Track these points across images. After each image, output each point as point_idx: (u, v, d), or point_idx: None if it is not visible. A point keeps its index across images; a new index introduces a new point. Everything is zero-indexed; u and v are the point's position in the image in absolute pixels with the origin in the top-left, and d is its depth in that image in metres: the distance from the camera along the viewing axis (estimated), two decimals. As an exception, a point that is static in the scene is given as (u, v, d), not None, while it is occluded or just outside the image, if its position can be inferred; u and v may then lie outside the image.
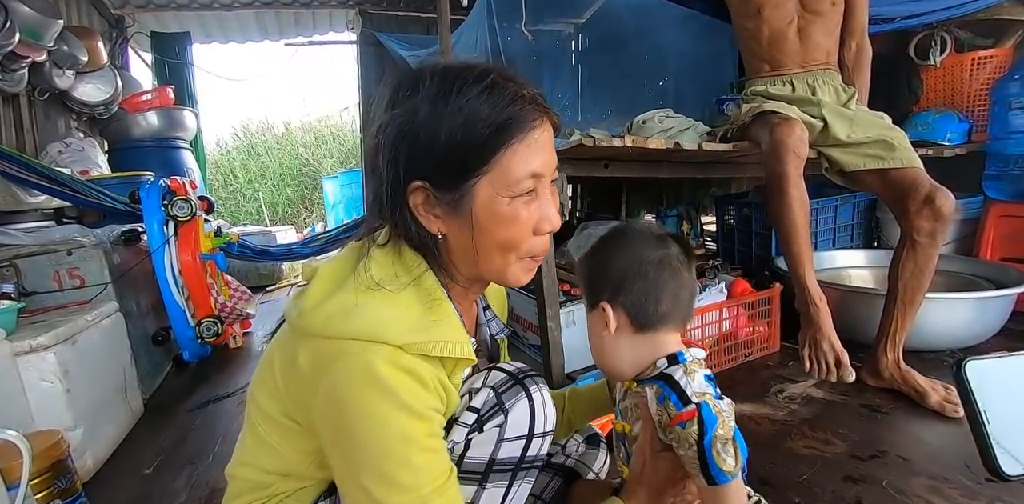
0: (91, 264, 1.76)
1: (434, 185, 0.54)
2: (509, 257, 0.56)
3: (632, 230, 0.65)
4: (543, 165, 0.54)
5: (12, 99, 2.84)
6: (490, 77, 0.53)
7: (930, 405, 1.38)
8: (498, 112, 0.51)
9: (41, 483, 1.06)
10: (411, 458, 0.49)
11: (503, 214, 0.53)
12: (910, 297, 1.43)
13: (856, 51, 1.72)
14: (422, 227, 0.56)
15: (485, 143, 0.51)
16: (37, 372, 1.29)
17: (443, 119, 0.51)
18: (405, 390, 0.50)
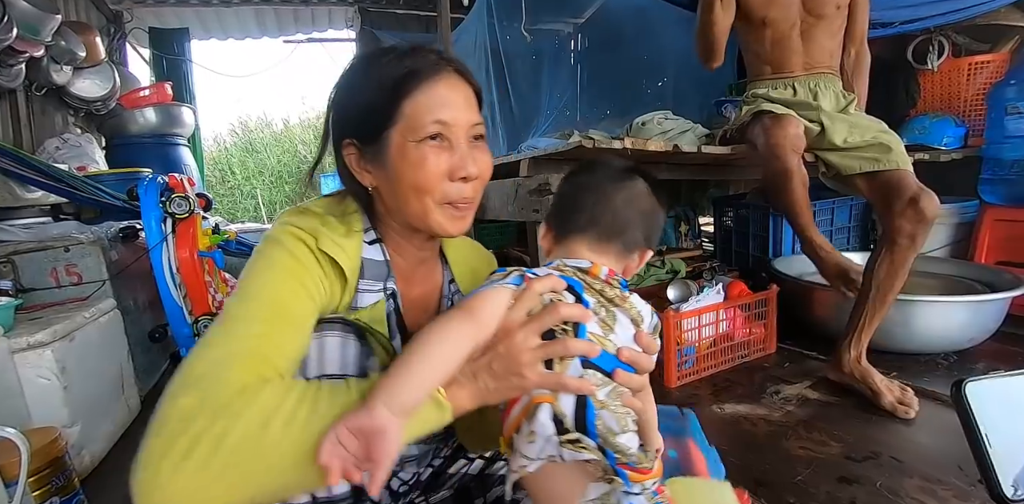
0: (89, 261, 1.75)
1: (361, 141, 0.62)
2: (425, 200, 0.61)
3: (597, 163, 0.69)
4: (451, 116, 0.60)
5: (9, 94, 2.83)
6: (402, 47, 0.63)
7: (883, 405, 1.39)
8: (400, 68, 0.59)
9: (39, 480, 1.06)
10: (264, 287, 0.56)
11: (411, 158, 0.59)
12: (882, 297, 1.44)
13: (855, 57, 1.73)
14: (357, 182, 0.65)
15: (391, 96, 0.59)
16: (34, 369, 1.29)
17: (360, 83, 0.62)
18: (294, 246, 0.58)
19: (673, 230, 2.88)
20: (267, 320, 0.52)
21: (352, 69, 0.64)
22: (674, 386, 1.66)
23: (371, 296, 0.65)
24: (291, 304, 0.55)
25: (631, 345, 0.58)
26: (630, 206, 0.65)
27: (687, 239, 2.86)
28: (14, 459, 0.96)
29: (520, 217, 1.59)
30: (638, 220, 0.65)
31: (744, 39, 1.77)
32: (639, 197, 0.65)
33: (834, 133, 1.54)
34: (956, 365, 1.67)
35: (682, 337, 1.65)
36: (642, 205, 0.65)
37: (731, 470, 1.03)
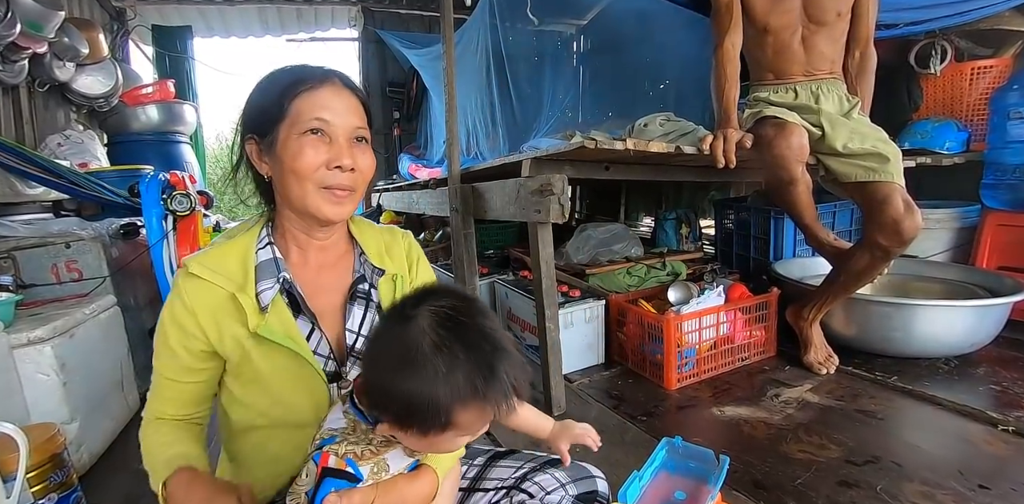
0: (89, 257, 1.75)
1: (258, 136, 0.71)
2: (304, 185, 0.68)
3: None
4: (332, 115, 0.68)
5: (12, 90, 2.83)
6: (295, 64, 0.73)
7: (807, 360, 1.72)
8: (292, 76, 0.70)
9: (37, 476, 1.06)
10: (160, 349, 0.72)
11: (293, 147, 0.67)
12: (846, 286, 1.61)
13: (860, 59, 1.72)
14: (258, 172, 0.74)
15: (281, 96, 0.68)
16: (34, 365, 1.29)
17: (260, 89, 0.72)
18: (176, 302, 0.70)
19: (674, 232, 2.88)
20: (158, 384, 0.74)
21: (259, 79, 0.73)
22: (674, 388, 1.66)
23: (270, 293, 0.71)
24: (175, 368, 0.72)
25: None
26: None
27: (688, 241, 2.86)
28: (12, 455, 0.96)
29: (521, 217, 1.58)
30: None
31: (746, 45, 1.77)
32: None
33: (835, 138, 1.54)
34: (957, 370, 1.67)
35: (682, 339, 1.65)
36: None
37: (731, 473, 1.03)
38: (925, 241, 2.15)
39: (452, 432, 0.54)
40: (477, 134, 3.91)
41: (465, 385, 0.51)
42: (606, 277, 2.21)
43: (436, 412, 0.51)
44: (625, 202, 4.04)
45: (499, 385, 0.53)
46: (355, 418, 0.57)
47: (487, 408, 0.53)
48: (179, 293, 0.69)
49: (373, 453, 0.56)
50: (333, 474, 0.52)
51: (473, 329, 0.54)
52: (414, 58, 4.36)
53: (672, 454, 1.06)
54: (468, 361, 0.52)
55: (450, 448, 0.59)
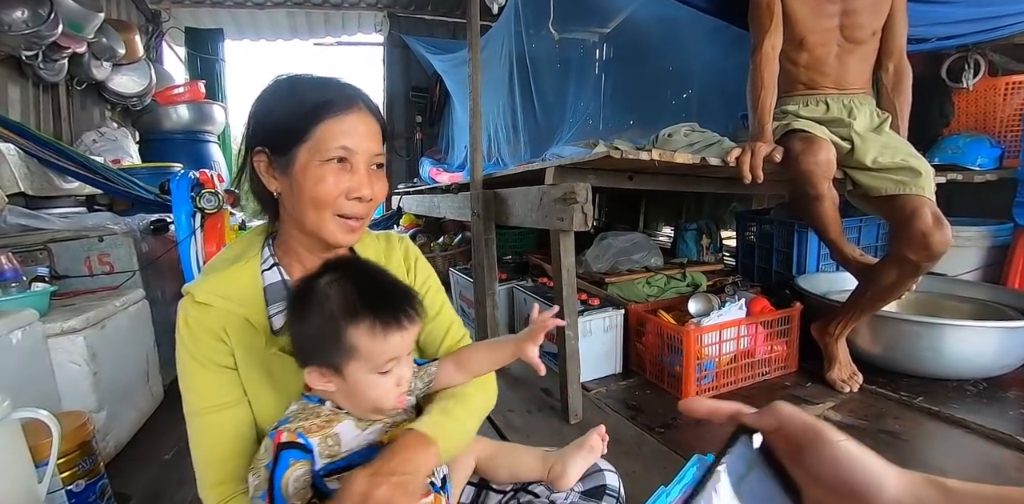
0: (121, 251, 1.80)
1: (272, 150, 0.69)
2: (323, 212, 0.68)
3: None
4: (355, 143, 0.67)
5: (52, 88, 2.93)
6: (322, 78, 0.71)
7: (830, 377, 1.68)
8: (320, 97, 0.67)
9: (67, 462, 1.08)
10: (189, 382, 0.69)
11: (314, 174, 0.66)
12: (873, 301, 1.58)
13: (894, 72, 1.69)
14: (264, 186, 0.71)
15: (306, 118, 0.66)
16: (66, 354, 1.33)
17: (280, 101, 0.69)
18: (185, 332, 0.68)
19: (695, 243, 2.85)
20: (209, 426, 0.68)
21: (275, 87, 0.70)
22: (692, 400, 1.64)
23: (280, 317, 0.70)
24: (210, 393, 0.69)
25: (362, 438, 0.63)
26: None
27: (708, 252, 2.83)
28: (45, 441, 0.99)
29: (544, 225, 1.59)
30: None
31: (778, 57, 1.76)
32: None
33: (865, 153, 1.52)
34: (986, 392, 1.62)
35: (702, 352, 1.64)
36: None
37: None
38: (954, 259, 2.10)
39: (360, 362, 0.58)
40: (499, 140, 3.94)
41: (353, 303, 0.58)
42: (625, 286, 2.20)
43: (334, 335, 0.58)
44: (645, 211, 4.02)
45: (385, 302, 0.60)
46: (304, 402, 0.63)
47: (375, 325, 0.58)
48: (189, 320, 0.68)
49: (319, 427, 0.60)
50: (287, 447, 0.56)
51: (365, 269, 0.65)
52: (438, 63, 4.41)
53: (701, 472, 1.01)
54: (354, 285, 0.60)
55: (375, 395, 0.60)
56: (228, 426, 0.69)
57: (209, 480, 0.68)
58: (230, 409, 0.69)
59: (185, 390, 0.69)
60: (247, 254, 0.73)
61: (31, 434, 0.98)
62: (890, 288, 1.52)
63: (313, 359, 0.60)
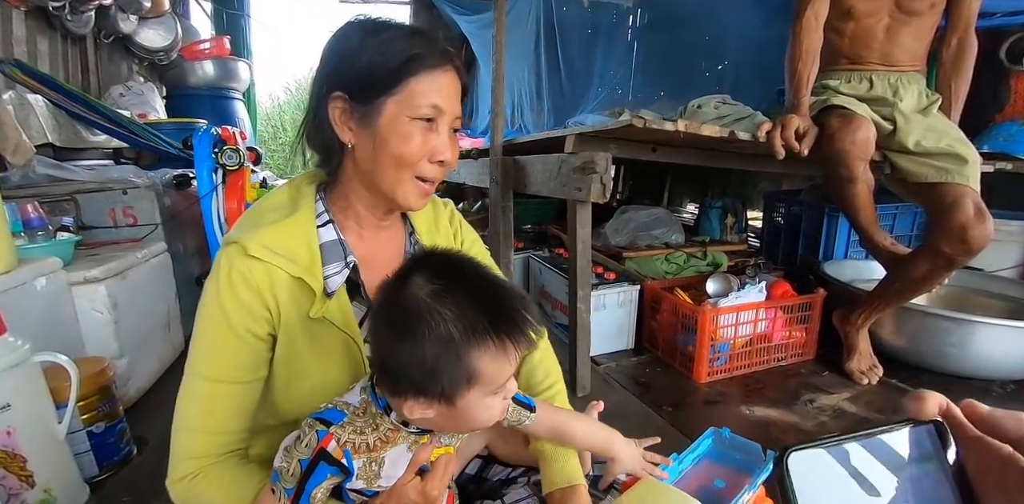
0: (144, 204, 1.83)
1: (352, 97, 0.62)
2: (403, 173, 0.63)
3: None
4: (445, 103, 0.62)
5: (80, 41, 2.93)
6: (413, 27, 0.65)
7: (848, 367, 1.64)
8: (414, 48, 0.61)
9: (87, 405, 1.13)
10: (209, 347, 0.62)
11: (402, 131, 0.61)
12: (901, 293, 1.52)
13: (957, 47, 1.53)
14: (335, 135, 0.64)
15: (399, 68, 0.60)
16: (89, 302, 1.37)
17: (369, 45, 0.62)
18: (227, 289, 0.60)
19: (719, 221, 2.77)
20: (208, 394, 0.61)
21: (361, 27, 0.63)
22: (703, 381, 1.62)
23: (338, 278, 0.65)
24: (229, 364, 0.62)
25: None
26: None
27: (732, 232, 2.75)
28: (65, 384, 1.03)
29: (561, 194, 1.55)
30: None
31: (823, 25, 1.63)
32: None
33: (907, 135, 1.41)
34: (1015, 394, 1.55)
35: (717, 333, 1.61)
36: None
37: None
38: (993, 254, 1.98)
39: (479, 388, 0.50)
40: (523, 106, 3.83)
41: (476, 322, 0.48)
42: (643, 262, 2.16)
43: (454, 363, 0.48)
44: (670, 186, 3.91)
45: (512, 318, 0.50)
46: (369, 399, 0.54)
47: (506, 347, 0.49)
48: (233, 276, 0.60)
49: (369, 448, 0.53)
50: (328, 460, 0.51)
51: (469, 270, 0.53)
52: (465, 25, 4.27)
53: (718, 444, 1.07)
54: (469, 296, 0.49)
55: (485, 418, 0.53)
56: (233, 402, 0.62)
57: (194, 446, 0.61)
58: (244, 385, 0.63)
59: (199, 351, 0.62)
60: (300, 205, 0.66)
61: (53, 377, 1.02)
62: (920, 281, 1.44)
63: (421, 391, 0.49)
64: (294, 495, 0.51)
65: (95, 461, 1.16)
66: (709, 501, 0.81)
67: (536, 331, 0.51)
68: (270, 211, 0.66)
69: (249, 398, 0.64)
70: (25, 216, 1.39)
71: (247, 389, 0.63)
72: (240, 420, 0.63)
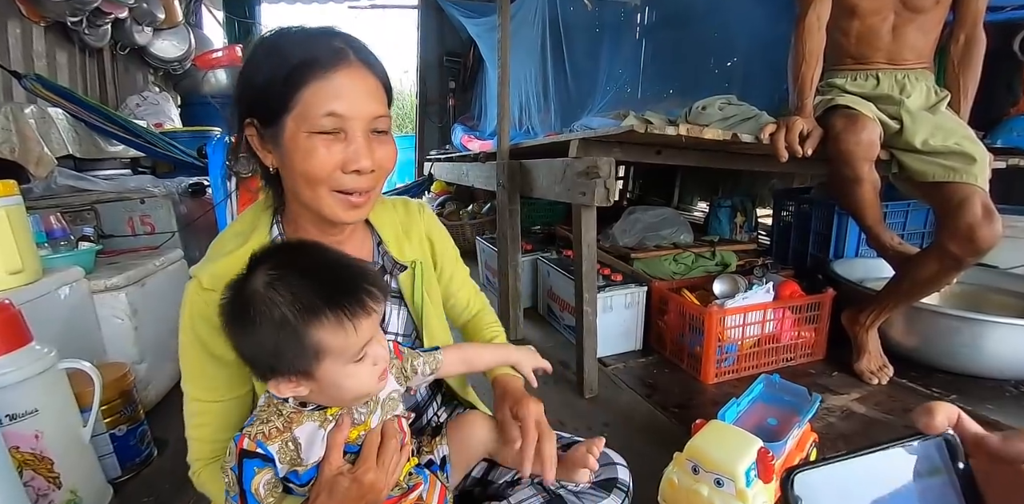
0: (161, 212, 1.88)
1: (260, 122, 0.62)
2: (317, 189, 0.61)
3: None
4: (348, 108, 0.58)
5: (97, 53, 3.02)
6: (308, 30, 0.62)
7: (858, 367, 1.63)
8: (303, 54, 0.58)
9: (110, 409, 1.18)
10: (188, 370, 0.67)
11: (302, 147, 0.59)
12: (907, 295, 1.51)
13: (965, 43, 1.51)
14: (259, 160, 0.65)
15: (285, 82, 0.58)
16: (110, 309, 1.42)
17: (261, 62, 0.60)
18: (188, 319, 0.64)
19: (728, 220, 2.75)
20: (198, 412, 0.68)
21: (259, 46, 0.62)
22: (711, 382, 1.63)
23: None
24: (207, 386, 0.67)
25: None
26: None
27: (741, 231, 2.74)
28: (89, 389, 1.07)
29: (566, 198, 1.56)
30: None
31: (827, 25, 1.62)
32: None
33: (914, 133, 1.40)
34: (1026, 394, 1.53)
35: (724, 334, 1.61)
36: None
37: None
38: (1008, 251, 1.94)
39: (332, 359, 0.53)
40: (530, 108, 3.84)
41: (308, 302, 0.51)
42: (651, 262, 2.17)
43: (295, 342, 0.51)
44: (680, 185, 3.90)
45: (343, 289, 0.53)
46: (269, 395, 0.58)
47: (342, 320, 0.52)
48: (194, 308, 0.63)
49: (279, 430, 0.56)
50: (248, 455, 0.54)
51: (306, 257, 0.56)
52: (472, 27, 4.29)
53: (768, 388, 1.25)
54: (301, 279, 0.52)
55: (356, 384, 0.56)
56: (219, 418, 0.68)
57: (194, 451, 0.69)
58: (225, 402, 0.68)
59: (184, 373, 0.68)
60: (255, 233, 0.67)
61: (77, 383, 1.07)
62: (929, 281, 1.43)
63: (274, 370, 0.54)
64: (240, 499, 0.54)
65: (118, 463, 1.21)
66: (764, 436, 0.95)
67: (375, 298, 0.54)
68: (230, 240, 0.68)
69: (234, 412, 0.68)
70: (48, 227, 1.45)
71: (229, 406, 0.68)
72: (228, 431, 0.66)
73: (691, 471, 0.92)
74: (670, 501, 0.95)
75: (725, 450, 0.90)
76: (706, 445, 0.92)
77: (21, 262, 1.16)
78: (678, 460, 0.95)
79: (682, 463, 0.93)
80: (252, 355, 0.54)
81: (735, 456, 0.88)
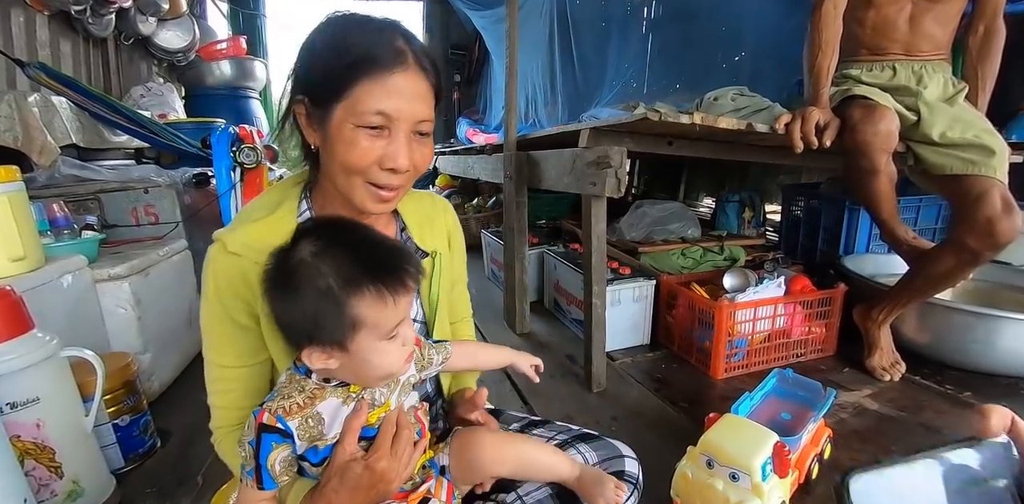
0: (165, 203, 1.87)
1: (311, 101, 0.63)
2: (352, 179, 0.63)
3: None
4: (397, 109, 0.60)
5: (101, 43, 3.00)
6: (375, 23, 0.63)
7: (870, 364, 1.60)
8: (362, 50, 0.59)
9: (113, 399, 1.17)
10: (209, 336, 0.67)
11: (346, 138, 0.61)
12: (921, 291, 1.48)
13: (984, 35, 1.48)
14: (304, 137, 0.67)
15: (343, 73, 0.59)
16: (113, 299, 1.40)
17: (324, 46, 0.62)
18: (212, 283, 0.64)
19: (736, 216, 2.72)
20: (221, 378, 0.68)
21: (323, 29, 0.64)
22: (720, 378, 1.60)
23: None
24: (228, 352, 0.67)
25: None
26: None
27: (750, 226, 2.70)
28: (91, 378, 1.06)
29: (576, 189, 1.53)
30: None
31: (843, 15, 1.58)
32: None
33: (931, 125, 1.37)
34: (1042, 390, 1.51)
35: (734, 328, 1.58)
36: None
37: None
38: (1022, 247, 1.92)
39: (366, 333, 0.54)
40: (536, 101, 3.81)
41: (351, 271, 0.53)
42: (659, 257, 2.14)
43: (336, 311, 0.53)
44: (686, 180, 3.86)
45: (385, 265, 0.55)
46: (292, 372, 0.60)
47: (383, 294, 0.54)
48: (218, 270, 0.64)
49: (300, 406, 0.57)
50: (267, 430, 0.55)
51: (350, 233, 0.58)
52: (478, 20, 4.26)
53: (782, 383, 1.24)
54: (346, 252, 0.54)
55: (386, 362, 0.57)
56: (243, 383, 0.68)
57: (217, 418, 0.69)
58: (249, 368, 0.68)
59: (204, 340, 0.68)
60: (284, 204, 0.69)
61: (79, 372, 1.05)
62: (944, 276, 1.40)
63: (311, 339, 0.55)
64: (255, 474, 0.55)
65: (120, 453, 1.19)
66: (778, 431, 0.94)
67: (413, 277, 0.57)
68: (256, 210, 0.69)
69: (258, 378, 0.69)
70: (51, 215, 1.43)
71: (253, 371, 0.68)
72: (252, 398, 0.68)
73: (705, 465, 0.90)
74: (683, 495, 0.93)
75: (741, 444, 0.88)
76: (721, 439, 0.90)
77: (23, 249, 1.15)
78: (692, 454, 0.93)
79: (696, 457, 0.92)
80: (291, 322, 0.55)
81: (751, 450, 0.87)
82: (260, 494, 0.56)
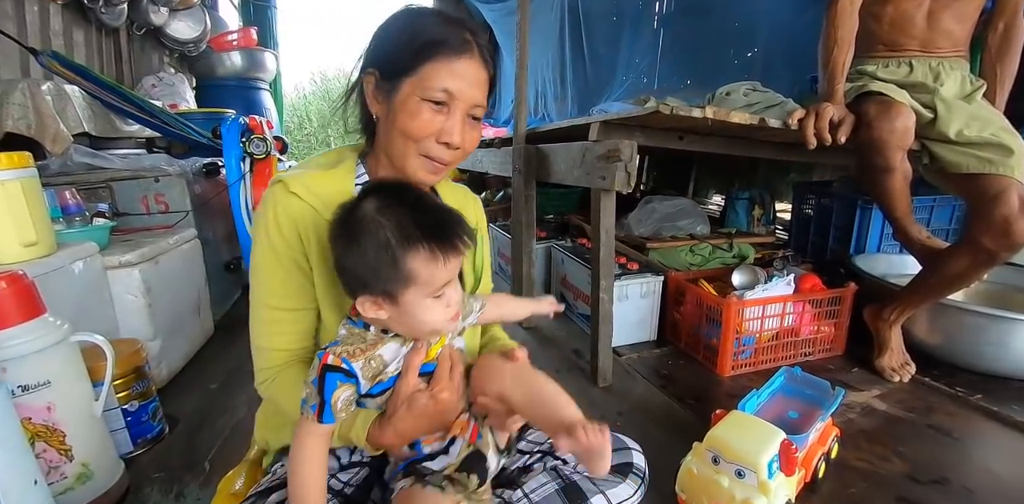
0: (175, 192, 1.87)
1: (381, 74, 0.69)
2: (409, 146, 0.69)
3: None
4: (459, 89, 0.67)
5: (113, 33, 3.01)
6: (447, 15, 0.70)
7: (879, 364, 1.59)
8: (436, 34, 0.66)
9: (122, 384, 1.18)
10: (262, 277, 0.70)
11: (410, 108, 0.67)
12: (934, 291, 1.47)
13: (1004, 32, 1.45)
14: (367, 107, 0.72)
15: (418, 51, 0.66)
16: (123, 286, 1.41)
17: (400, 28, 0.69)
18: (271, 220, 0.67)
19: (746, 213, 2.70)
20: (272, 320, 0.70)
21: (401, 14, 0.71)
22: (727, 375, 1.60)
23: None
24: (278, 293, 0.70)
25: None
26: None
27: (759, 224, 2.68)
28: (102, 363, 1.07)
29: (585, 183, 1.53)
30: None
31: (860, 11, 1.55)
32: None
33: (948, 123, 1.34)
34: (1055, 394, 1.48)
35: (742, 326, 1.57)
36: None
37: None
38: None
39: (416, 288, 0.58)
40: (546, 95, 3.79)
41: (410, 231, 0.57)
42: (667, 253, 2.13)
43: (392, 264, 0.57)
44: (695, 177, 3.83)
45: (441, 227, 0.59)
46: (350, 326, 0.64)
47: (436, 254, 0.57)
48: (277, 208, 0.67)
49: (363, 350, 0.61)
50: (331, 370, 0.59)
51: (412, 196, 0.61)
52: (487, 12, 4.23)
53: (790, 381, 1.24)
54: (407, 212, 0.58)
55: (431, 318, 0.61)
56: (295, 325, 0.71)
57: (266, 359, 0.72)
58: (302, 311, 0.71)
59: (256, 281, 0.70)
60: (344, 163, 0.74)
61: (89, 357, 1.06)
62: (958, 277, 1.38)
63: (367, 288, 0.59)
64: (318, 408, 0.58)
65: (129, 438, 1.21)
66: (785, 429, 0.94)
67: (464, 242, 0.60)
68: (317, 164, 0.74)
69: (309, 321, 0.72)
70: (63, 202, 1.44)
71: (301, 316, 0.71)
72: (303, 340, 0.72)
73: (711, 461, 0.90)
74: (688, 491, 0.93)
75: (748, 441, 0.88)
76: (728, 435, 0.89)
77: (36, 235, 1.16)
78: (698, 450, 0.93)
79: (702, 453, 0.91)
80: (351, 268, 0.60)
81: (758, 447, 0.86)
82: (321, 427, 0.60)
